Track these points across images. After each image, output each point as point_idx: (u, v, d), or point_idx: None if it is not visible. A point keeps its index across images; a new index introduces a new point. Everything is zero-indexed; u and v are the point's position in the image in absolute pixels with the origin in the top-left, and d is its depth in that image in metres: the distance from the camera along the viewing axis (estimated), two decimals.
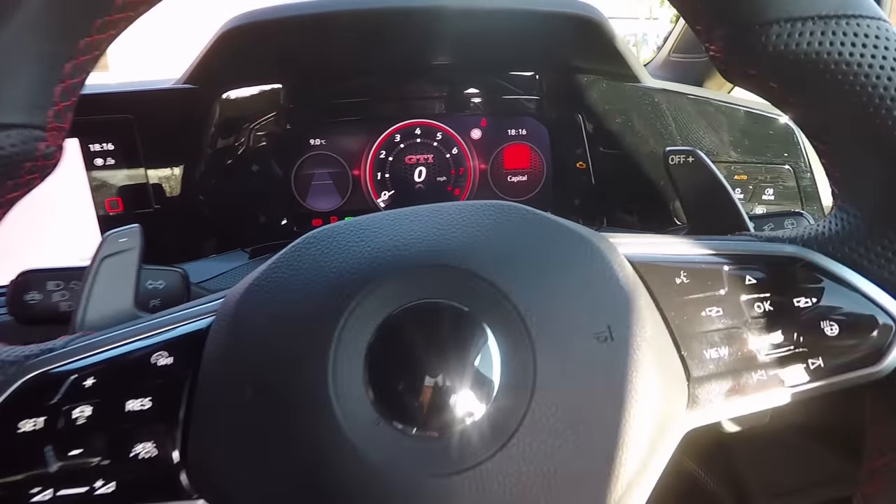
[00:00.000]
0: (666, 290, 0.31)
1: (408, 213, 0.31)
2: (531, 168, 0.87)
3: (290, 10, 0.61)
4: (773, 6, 0.29)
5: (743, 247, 0.32)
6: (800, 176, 0.73)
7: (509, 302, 0.28)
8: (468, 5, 0.62)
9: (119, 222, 0.74)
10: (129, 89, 0.71)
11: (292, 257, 0.31)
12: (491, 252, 0.29)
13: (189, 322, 0.32)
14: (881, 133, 0.29)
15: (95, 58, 0.31)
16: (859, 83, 0.29)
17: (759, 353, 0.30)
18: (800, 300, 0.30)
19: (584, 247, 0.31)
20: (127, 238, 0.38)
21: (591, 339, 0.28)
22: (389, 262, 0.29)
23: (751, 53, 0.30)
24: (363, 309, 0.28)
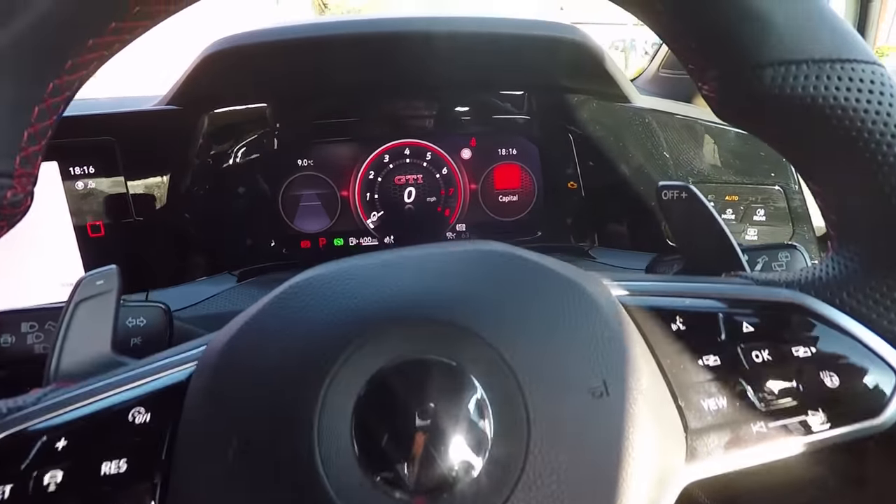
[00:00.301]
0: (662, 337, 0.31)
1: (395, 261, 0.30)
2: (522, 188, 0.86)
3: (273, 35, 0.59)
4: (767, 49, 0.28)
5: (739, 291, 0.32)
6: (790, 197, 0.73)
7: (501, 358, 0.27)
8: (454, 29, 0.62)
9: (101, 246, 0.72)
10: (109, 111, 0.69)
11: (276, 307, 0.30)
12: (481, 303, 0.28)
13: (168, 373, 0.31)
14: (877, 178, 0.28)
15: (66, 99, 0.29)
16: (854, 128, 0.28)
17: (758, 404, 0.29)
18: (798, 349, 0.29)
19: (578, 294, 0.30)
20: (104, 280, 0.37)
21: (587, 395, 0.27)
22: (377, 317, 0.27)
23: (744, 95, 0.30)
24: (350, 366, 0.27)
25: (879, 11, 0.79)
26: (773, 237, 0.75)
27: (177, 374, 0.31)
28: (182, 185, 0.75)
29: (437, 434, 0.25)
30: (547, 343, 0.28)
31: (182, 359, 0.32)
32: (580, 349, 0.28)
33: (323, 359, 0.27)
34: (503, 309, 0.28)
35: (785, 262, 0.43)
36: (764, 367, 0.29)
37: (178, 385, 0.30)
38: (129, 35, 0.29)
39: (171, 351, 0.33)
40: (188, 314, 0.74)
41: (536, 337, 0.28)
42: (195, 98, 0.69)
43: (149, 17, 0.29)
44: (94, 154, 0.69)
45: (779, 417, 0.29)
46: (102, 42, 0.28)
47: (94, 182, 0.70)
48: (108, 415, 0.29)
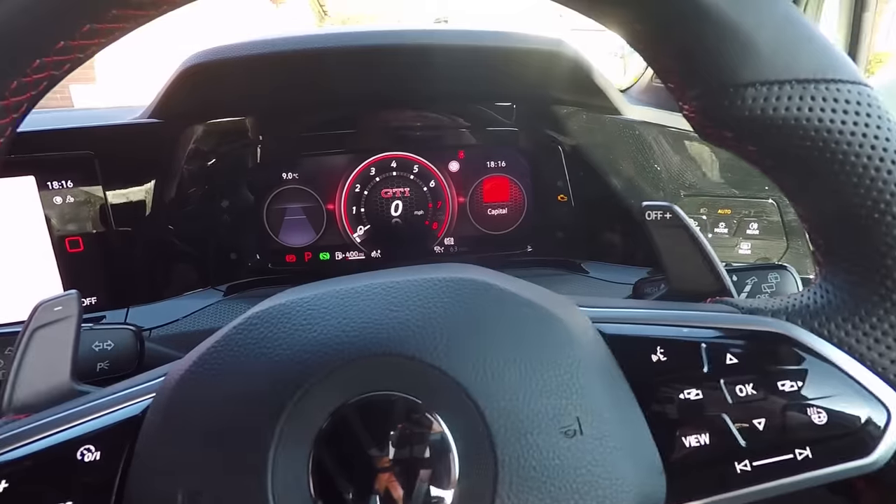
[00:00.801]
0: (642, 369, 0.29)
1: (358, 290, 0.29)
2: (511, 201, 0.85)
3: (253, 49, 0.58)
4: (748, 68, 0.27)
5: (723, 320, 0.30)
6: (784, 211, 0.72)
7: (466, 395, 0.25)
8: (441, 42, 0.60)
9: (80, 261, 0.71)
10: (88, 125, 0.68)
11: (234, 338, 0.28)
12: (446, 336, 0.27)
13: (122, 406, 0.30)
14: (865, 203, 0.27)
15: (31, 99, 0.28)
16: (840, 151, 0.27)
17: (742, 442, 0.27)
18: (784, 383, 0.28)
19: (551, 325, 0.28)
20: (62, 306, 0.35)
21: (558, 435, 0.26)
22: (337, 351, 0.26)
23: (725, 116, 0.28)
24: (307, 403, 0.25)
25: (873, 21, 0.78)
26: (766, 251, 0.74)
27: (132, 407, 0.29)
28: (165, 198, 0.74)
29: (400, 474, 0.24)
30: (517, 378, 0.26)
31: (139, 391, 0.30)
32: (553, 384, 0.27)
33: (278, 396, 0.26)
34: (470, 342, 0.27)
35: (775, 283, 0.41)
36: (748, 402, 0.28)
37: (131, 420, 0.29)
38: (104, 38, 0.27)
39: (130, 381, 0.32)
40: (170, 331, 0.73)
41: (506, 372, 0.26)
42: (175, 112, 0.68)
43: (127, 20, 0.27)
44: (72, 168, 0.67)
45: (764, 456, 0.27)
46: (76, 45, 0.27)
47: (73, 196, 0.68)
48: (55, 453, 0.27)
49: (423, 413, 0.25)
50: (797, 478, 0.27)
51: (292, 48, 0.59)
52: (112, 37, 0.28)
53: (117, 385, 0.31)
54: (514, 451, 0.25)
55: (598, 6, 0.30)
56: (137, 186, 0.72)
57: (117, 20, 0.27)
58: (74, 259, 0.69)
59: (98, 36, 0.27)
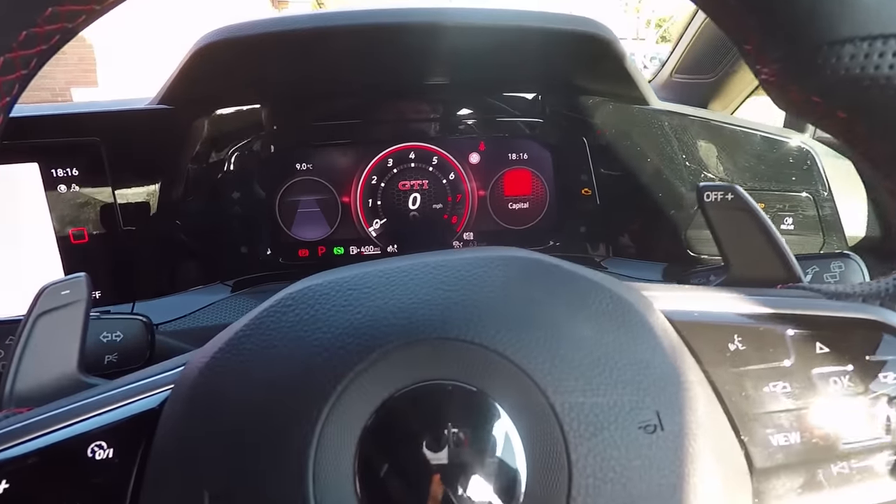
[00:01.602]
0: (718, 358, 0.26)
1: (406, 268, 0.26)
2: (533, 194, 0.82)
3: (269, 26, 0.55)
4: (847, 22, 0.24)
5: (808, 306, 0.27)
6: (820, 205, 0.69)
7: (536, 387, 0.23)
8: (465, 22, 0.58)
9: (84, 253, 0.68)
10: (95, 110, 0.65)
11: (266, 322, 0.25)
12: (509, 320, 0.24)
13: (138, 398, 0.27)
14: None
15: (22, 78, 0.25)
16: None
17: (838, 441, 0.25)
18: (887, 375, 0.25)
19: (622, 309, 0.25)
20: (70, 290, 0.32)
21: (637, 431, 0.23)
22: (385, 334, 0.23)
23: (816, 78, 0.26)
24: (353, 394, 0.23)
25: None
26: (802, 246, 0.71)
27: (148, 399, 0.27)
28: (173, 190, 0.71)
29: (458, 475, 0.21)
30: (589, 367, 0.23)
31: (156, 382, 0.27)
32: (628, 374, 0.24)
33: (320, 385, 0.23)
34: (535, 326, 0.24)
35: (839, 272, 0.38)
36: (843, 396, 0.25)
37: (148, 414, 0.26)
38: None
39: (144, 372, 0.29)
40: (176, 327, 0.70)
41: (576, 359, 0.23)
42: (187, 98, 0.65)
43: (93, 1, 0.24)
44: (77, 156, 0.65)
45: (863, 457, 0.25)
46: (64, 11, 0.24)
47: (78, 185, 0.65)
48: (63, 450, 0.24)
49: (485, 405, 0.22)
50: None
51: (308, 25, 0.57)
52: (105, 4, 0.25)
53: (130, 376, 0.28)
54: (590, 450, 0.22)
55: None
56: (145, 176, 0.69)
57: None
58: (79, 251, 0.66)
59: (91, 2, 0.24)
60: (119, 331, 0.41)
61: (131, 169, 0.68)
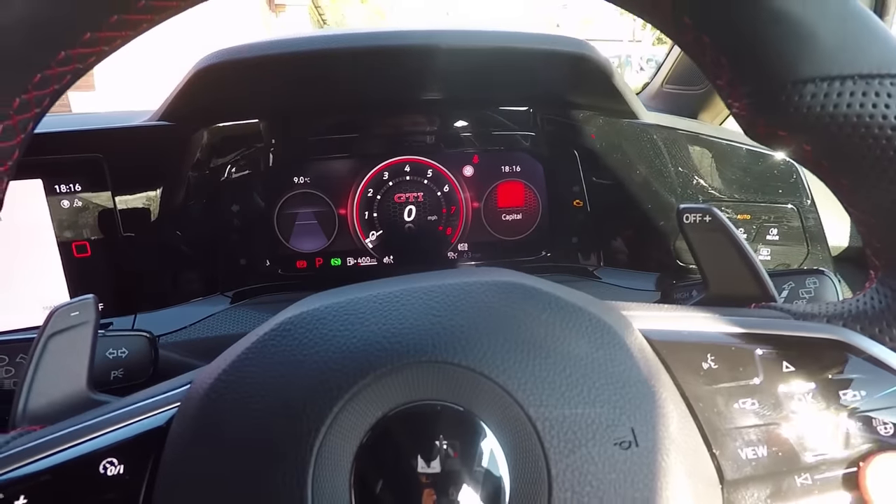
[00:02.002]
0: (692, 376, 0.28)
1: (399, 294, 0.28)
2: (526, 206, 0.84)
3: (267, 49, 0.57)
4: (808, 63, 0.26)
5: (777, 326, 0.29)
6: (804, 216, 0.71)
7: (519, 406, 0.24)
8: (458, 44, 0.59)
9: (87, 266, 0.69)
10: (97, 126, 0.67)
11: (267, 346, 0.27)
12: (494, 343, 0.25)
13: (146, 416, 0.28)
14: None
15: (53, 93, 0.27)
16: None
17: (803, 454, 0.26)
18: (846, 393, 0.27)
19: (600, 330, 0.27)
20: (79, 311, 0.34)
21: (613, 447, 0.24)
22: (379, 358, 0.25)
23: (780, 114, 0.27)
24: (347, 416, 0.24)
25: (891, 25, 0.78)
26: (786, 257, 0.73)
27: (156, 417, 0.28)
28: (174, 203, 0.72)
29: (447, 488, 0.23)
30: (568, 386, 0.25)
31: (163, 400, 0.29)
32: (605, 393, 0.25)
33: (318, 406, 0.24)
34: (518, 349, 0.25)
35: (813, 288, 0.40)
36: (808, 412, 0.27)
37: (157, 431, 0.27)
38: (132, 31, 0.26)
39: (151, 390, 0.30)
40: (178, 338, 0.71)
41: (556, 379, 0.25)
42: (188, 114, 0.67)
43: (154, 11, 0.26)
44: (80, 171, 0.66)
45: (826, 469, 0.26)
46: (102, 36, 0.26)
47: (81, 200, 0.67)
48: (75, 467, 0.26)
49: (471, 423, 0.24)
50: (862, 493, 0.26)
51: (306, 48, 0.58)
52: (139, 29, 0.27)
53: (138, 394, 0.30)
54: (568, 465, 0.23)
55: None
56: (146, 190, 0.70)
57: (145, 11, 0.26)
58: (81, 264, 0.68)
59: (125, 28, 0.26)
60: (124, 347, 0.42)
61: (133, 183, 0.70)
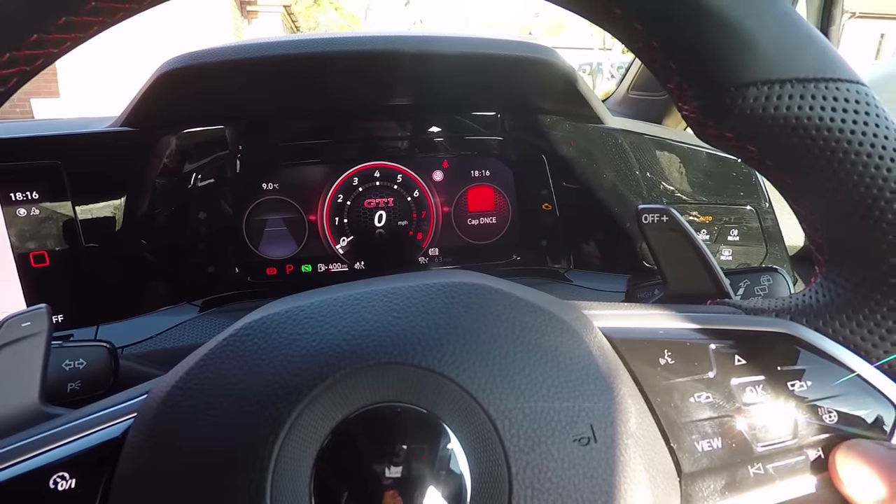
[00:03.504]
0: (650, 372, 0.29)
1: (358, 297, 0.28)
2: (496, 210, 0.84)
3: (231, 54, 0.56)
4: (749, 68, 0.27)
5: (729, 321, 0.30)
6: (762, 217, 0.73)
7: (479, 406, 0.24)
8: (424, 49, 0.60)
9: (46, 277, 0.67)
10: (56, 132, 0.65)
11: (225, 351, 0.26)
12: (453, 344, 0.25)
13: (100, 428, 0.27)
14: (865, 201, 0.27)
15: None
16: (841, 149, 0.27)
17: (754, 445, 0.27)
18: (794, 384, 0.28)
19: (560, 329, 0.27)
20: (30, 321, 0.32)
21: (572, 444, 0.25)
22: (339, 360, 0.25)
23: (726, 116, 0.29)
24: (306, 420, 0.24)
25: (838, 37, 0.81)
26: (747, 257, 0.75)
27: (111, 429, 0.27)
28: (138, 210, 0.71)
29: (409, 490, 0.23)
30: (527, 385, 0.25)
31: (118, 411, 0.28)
32: (564, 390, 0.26)
33: (277, 410, 0.24)
34: (476, 348, 0.26)
35: (767, 285, 0.42)
36: (759, 403, 0.28)
37: (111, 443, 0.26)
38: (81, 33, 0.26)
39: (107, 401, 0.29)
40: (143, 349, 0.69)
41: (515, 378, 0.25)
42: (151, 119, 0.65)
43: (104, 13, 0.26)
44: (38, 179, 0.64)
45: (777, 458, 0.27)
46: (49, 38, 0.25)
47: (38, 208, 0.65)
48: (23, 483, 0.25)
49: (432, 424, 0.24)
50: (811, 478, 0.27)
51: (272, 53, 0.58)
52: (90, 31, 0.27)
53: (93, 405, 0.29)
54: (528, 463, 0.24)
55: (594, 4, 0.30)
56: (109, 198, 0.69)
57: (94, 13, 0.25)
58: (39, 274, 0.65)
59: (74, 30, 0.26)
60: (82, 358, 0.41)
61: (94, 190, 0.68)
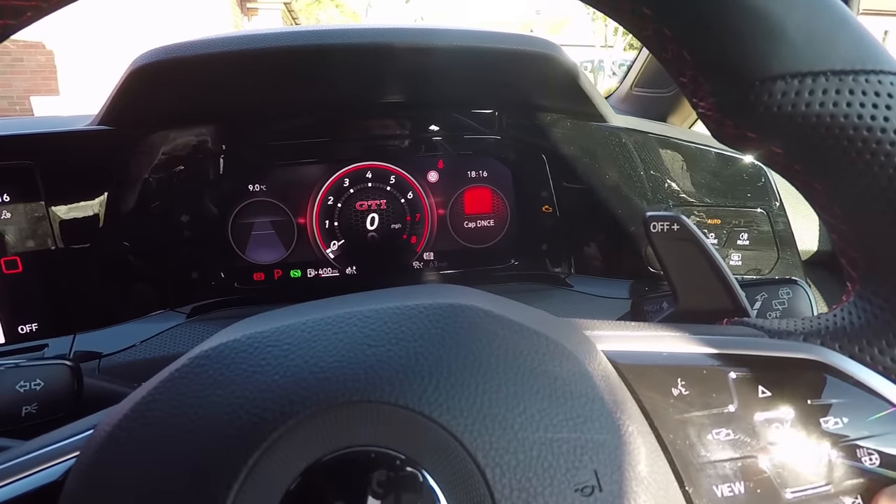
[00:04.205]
0: (662, 403, 0.25)
1: (329, 321, 0.24)
2: (494, 212, 0.81)
3: (210, 47, 0.53)
4: (776, 59, 0.24)
5: (750, 345, 0.27)
6: (774, 220, 0.70)
7: (466, 451, 0.21)
8: (418, 43, 0.56)
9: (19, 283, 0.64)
10: (28, 132, 0.61)
11: (176, 385, 0.23)
12: (436, 379, 0.22)
13: (37, 470, 0.24)
14: None
15: None
16: (883, 151, 0.24)
17: (782, 490, 0.24)
18: (827, 419, 0.24)
19: (558, 356, 0.24)
20: None
21: (574, 495, 0.21)
22: (301, 398, 0.22)
23: (749, 114, 0.25)
24: (267, 466, 0.21)
25: None
26: (757, 262, 0.71)
27: (50, 471, 0.24)
28: (118, 213, 0.67)
29: None
30: (521, 427, 0.22)
31: (59, 449, 0.25)
32: (564, 430, 0.22)
33: (231, 455, 0.21)
34: (464, 383, 0.22)
35: (786, 299, 0.38)
36: (787, 442, 0.24)
37: (49, 487, 0.23)
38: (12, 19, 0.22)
39: (50, 436, 0.26)
40: (124, 359, 0.66)
41: (508, 418, 0.22)
42: (127, 117, 0.62)
43: (5, 15, 0.22)
44: (8, 179, 0.61)
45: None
46: None
47: (10, 211, 0.61)
48: None
49: (410, 472, 0.21)
50: None
51: (256, 46, 0.54)
52: (22, 18, 0.23)
53: (34, 441, 0.26)
54: None
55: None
56: (86, 200, 0.65)
57: None
58: (11, 281, 0.62)
59: (4, 16, 0.22)
60: (39, 378, 0.37)
61: (69, 192, 0.64)
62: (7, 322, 0.63)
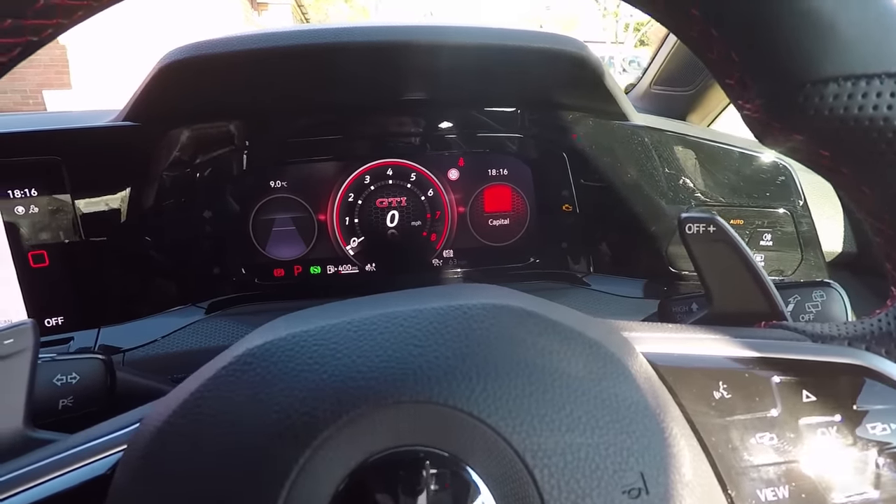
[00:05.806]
0: (704, 408, 0.25)
1: (375, 321, 0.24)
2: (514, 211, 0.81)
3: (237, 44, 0.53)
4: (829, 60, 0.23)
5: (793, 349, 0.26)
6: (798, 220, 0.69)
7: (514, 452, 0.21)
8: (441, 40, 0.56)
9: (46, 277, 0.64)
10: (55, 127, 0.62)
11: (225, 381, 0.23)
12: (484, 379, 0.22)
13: (85, 463, 0.24)
14: None
15: None
16: None
17: (828, 496, 0.24)
18: (874, 425, 0.24)
19: (602, 360, 0.24)
20: (14, 339, 0.30)
21: (622, 497, 0.21)
22: (351, 398, 0.22)
23: (798, 118, 0.25)
24: (316, 465, 0.21)
25: None
26: (780, 263, 0.71)
27: (97, 464, 0.24)
28: (141, 208, 0.68)
29: None
30: (569, 428, 0.22)
31: (106, 443, 0.25)
32: (610, 432, 0.22)
33: (282, 453, 0.21)
34: (511, 384, 0.22)
35: (820, 302, 0.38)
36: (832, 447, 0.24)
37: (97, 481, 0.24)
38: (33, 36, 0.23)
39: (97, 429, 0.27)
40: (147, 353, 0.67)
41: (556, 420, 0.22)
42: (154, 114, 0.62)
43: (58, 14, 0.22)
44: (36, 175, 0.61)
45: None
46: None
47: (37, 206, 0.62)
48: None
49: (459, 472, 0.21)
50: None
51: (281, 44, 0.54)
52: (43, 34, 0.23)
53: (79, 435, 0.26)
54: None
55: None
56: (111, 195, 0.66)
57: (44, 15, 0.22)
58: (39, 275, 0.63)
59: (24, 33, 0.23)
60: (75, 372, 0.38)
61: (95, 187, 0.65)
62: (34, 315, 0.64)
